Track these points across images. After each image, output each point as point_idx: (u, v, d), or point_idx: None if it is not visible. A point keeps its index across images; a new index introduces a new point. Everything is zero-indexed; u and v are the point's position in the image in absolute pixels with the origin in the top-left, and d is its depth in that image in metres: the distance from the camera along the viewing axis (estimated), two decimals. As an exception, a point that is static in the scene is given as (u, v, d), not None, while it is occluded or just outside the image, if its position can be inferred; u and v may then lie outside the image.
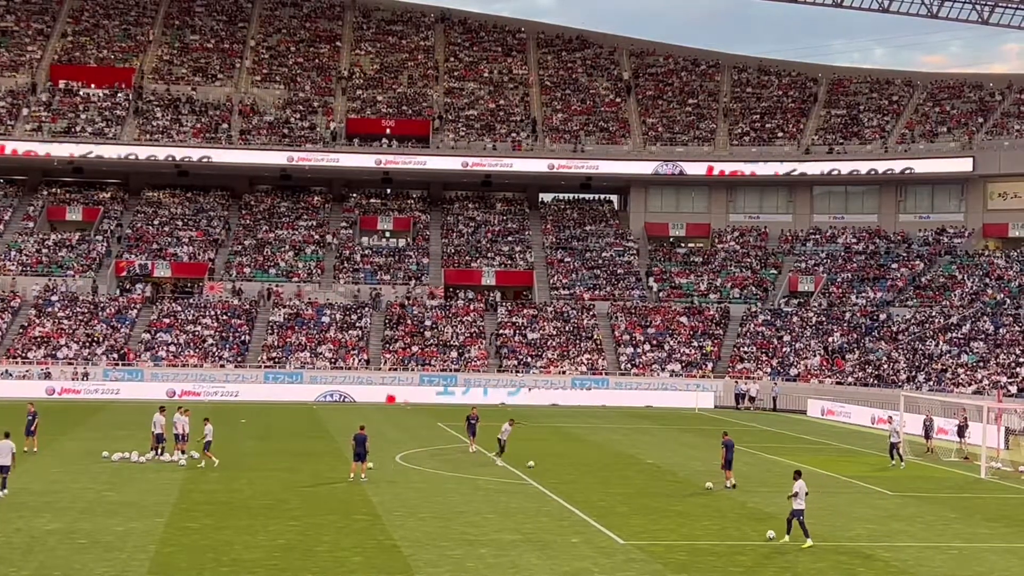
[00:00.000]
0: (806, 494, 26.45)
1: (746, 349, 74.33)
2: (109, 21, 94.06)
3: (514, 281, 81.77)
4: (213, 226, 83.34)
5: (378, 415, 55.73)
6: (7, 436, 31.63)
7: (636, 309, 78.07)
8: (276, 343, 72.01)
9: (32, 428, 39.45)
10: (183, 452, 37.60)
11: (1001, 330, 68.80)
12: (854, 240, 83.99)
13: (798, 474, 26.90)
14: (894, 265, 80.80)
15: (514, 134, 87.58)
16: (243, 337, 72.66)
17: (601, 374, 71.46)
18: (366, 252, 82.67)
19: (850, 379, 68.62)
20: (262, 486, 32.84)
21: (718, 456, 35.32)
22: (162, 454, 37.51)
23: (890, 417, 44.92)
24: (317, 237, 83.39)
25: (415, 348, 72.72)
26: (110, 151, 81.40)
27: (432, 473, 36.64)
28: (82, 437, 44.37)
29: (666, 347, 74.33)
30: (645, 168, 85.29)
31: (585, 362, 72.49)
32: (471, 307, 77.77)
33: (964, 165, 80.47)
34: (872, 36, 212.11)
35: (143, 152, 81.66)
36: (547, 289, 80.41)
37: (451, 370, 70.57)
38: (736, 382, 69.25)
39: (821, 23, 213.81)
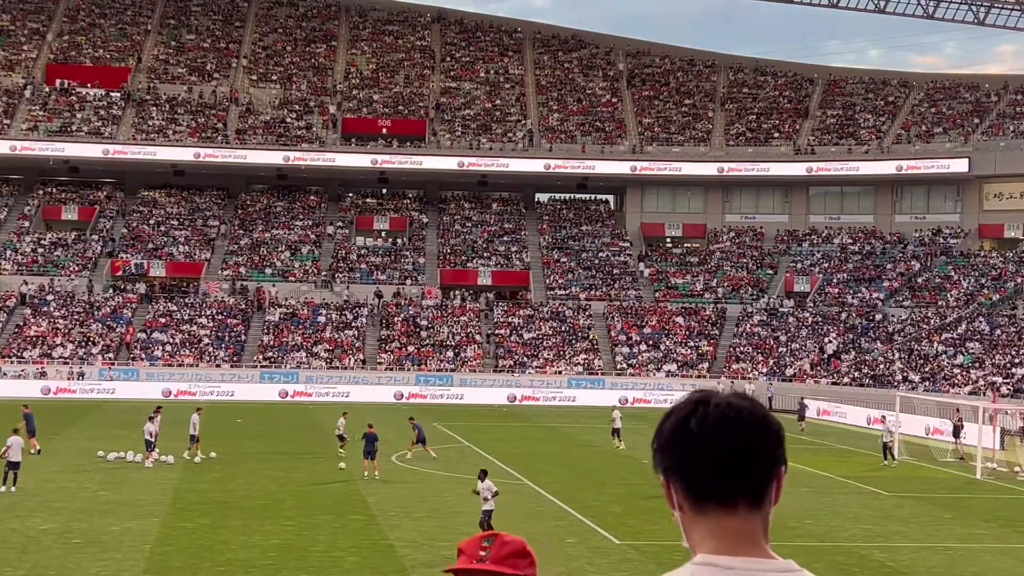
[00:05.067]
0: (495, 494, 25.05)
1: (742, 349, 74.35)
2: (105, 20, 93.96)
3: (510, 281, 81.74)
4: (209, 225, 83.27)
5: (374, 415, 55.63)
6: (15, 432, 31.64)
7: (632, 309, 78.08)
8: (272, 343, 71.98)
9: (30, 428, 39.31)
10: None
11: (996, 331, 68.86)
12: (850, 240, 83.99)
13: (484, 473, 25.88)
14: (889, 265, 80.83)
15: (510, 134, 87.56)
16: (239, 337, 72.63)
17: (597, 374, 71.46)
18: (362, 252, 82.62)
19: (846, 379, 68.65)
20: (258, 486, 32.82)
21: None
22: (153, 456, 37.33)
23: (883, 416, 45.07)
24: (313, 237, 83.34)
25: (411, 348, 72.69)
26: (106, 150, 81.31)
27: (428, 473, 36.64)
28: (78, 436, 44.31)
29: (662, 347, 74.34)
30: (641, 168, 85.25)
31: (581, 362, 72.49)
32: (467, 307, 77.74)
33: (960, 166, 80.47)
34: (867, 37, 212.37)
35: (139, 151, 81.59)
36: (543, 289, 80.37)
37: (447, 370, 70.56)
38: (732, 382, 69.24)
39: (817, 24, 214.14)
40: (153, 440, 36.71)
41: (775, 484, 2.14)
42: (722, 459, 2.05)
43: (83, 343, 70.00)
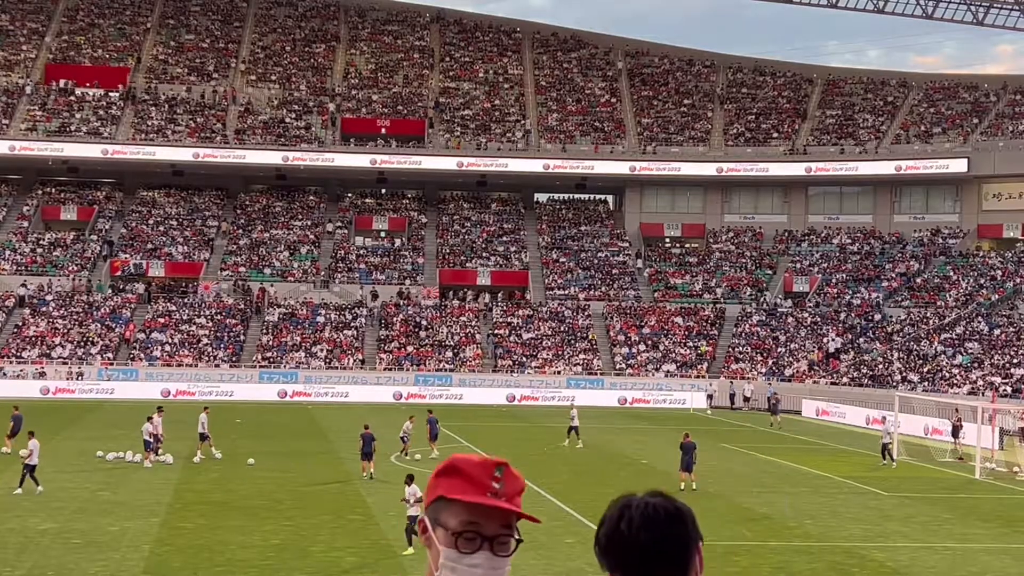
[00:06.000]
0: (418, 500, 23.87)
1: (741, 349, 74.35)
2: (104, 20, 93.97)
3: (509, 281, 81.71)
4: (208, 226, 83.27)
5: (372, 415, 55.64)
6: (32, 436, 31.62)
7: (631, 309, 78.09)
8: (271, 343, 71.97)
9: (16, 430, 39.18)
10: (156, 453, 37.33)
11: (995, 331, 68.88)
12: (849, 240, 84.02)
13: (410, 478, 25.05)
14: (888, 265, 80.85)
15: (509, 134, 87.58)
16: (238, 337, 72.61)
17: (596, 374, 71.46)
18: (361, 252, 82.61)
19: (845, 379, 68.66)
20: (257, 486, 32.80)
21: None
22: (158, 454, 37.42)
23: (884, 417, 45.14)
24: (312, 237, 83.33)
25: (410, 348, 72.69)
26: (105, 150, 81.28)
27: (427, 473, 36.53)
28: (77, 437, 44.29)
29: (661, 347, 74.34)
30: (640, 168, 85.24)
31: (580, 362, 72.50)
32: (466, 307, 77.74)
33: (959, 166, 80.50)
34: (866, 37, 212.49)
35: (138, 151, 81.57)
36: (542, 289, 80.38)
37: (446, 370, 70.56)
38: (731, 382, 69.33)
39: (816, 24, 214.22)
40: (152, 440, 36.69)
41: (696, 559, 2.49)
42: (649, 550, 2.43)
43: (82, 343, 69.99)
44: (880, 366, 68.63)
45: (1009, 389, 60.76)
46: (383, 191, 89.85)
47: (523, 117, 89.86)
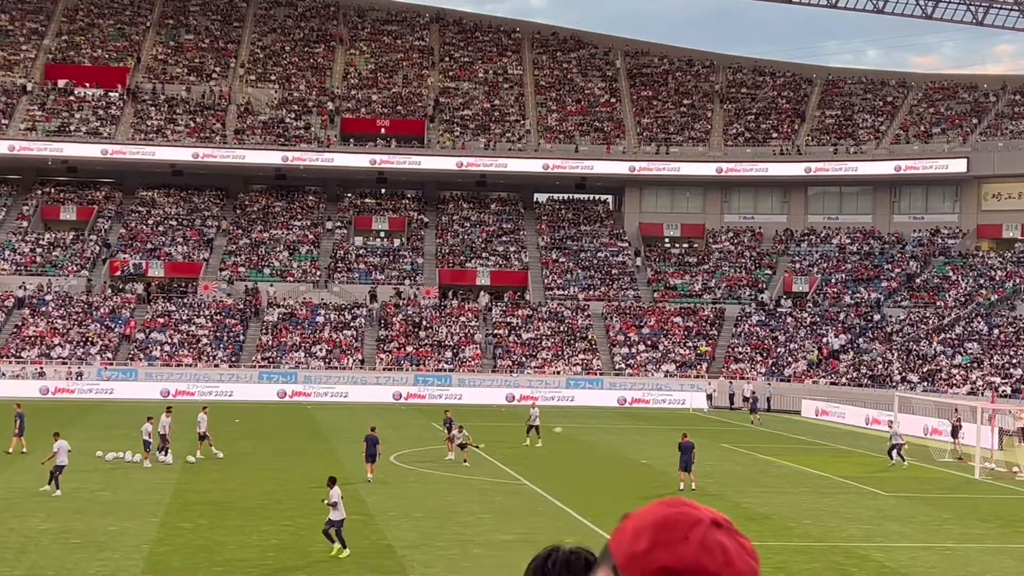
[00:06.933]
0: (340, 498, 24.19)
1: (740, 349, 74.36)
2: (103, 20, 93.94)
3: (509, 281, 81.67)
4: (208, 226, 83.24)
5: (373, 416, 55.67)
6: (57, 436, 31.71)
7: (630, 309, 78.08)
8: (271, 343, 71.96)
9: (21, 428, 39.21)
10: (163, 451, 37.41)
11: (995, 331, 68.90)
12: (848, 241, 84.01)
13: (333, 481, 25.01)
14: (888, 265, 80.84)
15: (509, 134, 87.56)
16: (237, 337, 72.59)
17: (596, 374, 71.46)
18: (361, 252, 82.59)
19: (844, 379, 68.66)
20: (256, 486, 32.81)
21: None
22: (164, 454, 37.44)
23: (890, 421, 45.07)
24: (312, 237, 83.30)
25: (410, 348, 72.68)
26: (104, 150, 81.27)
27: (426, 473, 36.63)
28: (76, 437, 44.00)
29: (660, 347, 74.33)
30: (640, 168, 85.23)
31: (580, 362, 72.50)
32: (466, 307, 77.73)
33: (958, 166, 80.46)
34: (866, 37, 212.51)
35: (137, 151, 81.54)
36: (542, 289, 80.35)
37: (446, 370, 70.54)
38: (730, 383, 69.33)
39: (815, 24, 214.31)
40: (151, 440, 36.72)
41: None
42: None
43: (82, 343, 69.97)
44: (879, 366, 68.64)
45: (1009, 389, 60.78)
46: (383, 191, 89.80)
47: (523, 117, 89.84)
